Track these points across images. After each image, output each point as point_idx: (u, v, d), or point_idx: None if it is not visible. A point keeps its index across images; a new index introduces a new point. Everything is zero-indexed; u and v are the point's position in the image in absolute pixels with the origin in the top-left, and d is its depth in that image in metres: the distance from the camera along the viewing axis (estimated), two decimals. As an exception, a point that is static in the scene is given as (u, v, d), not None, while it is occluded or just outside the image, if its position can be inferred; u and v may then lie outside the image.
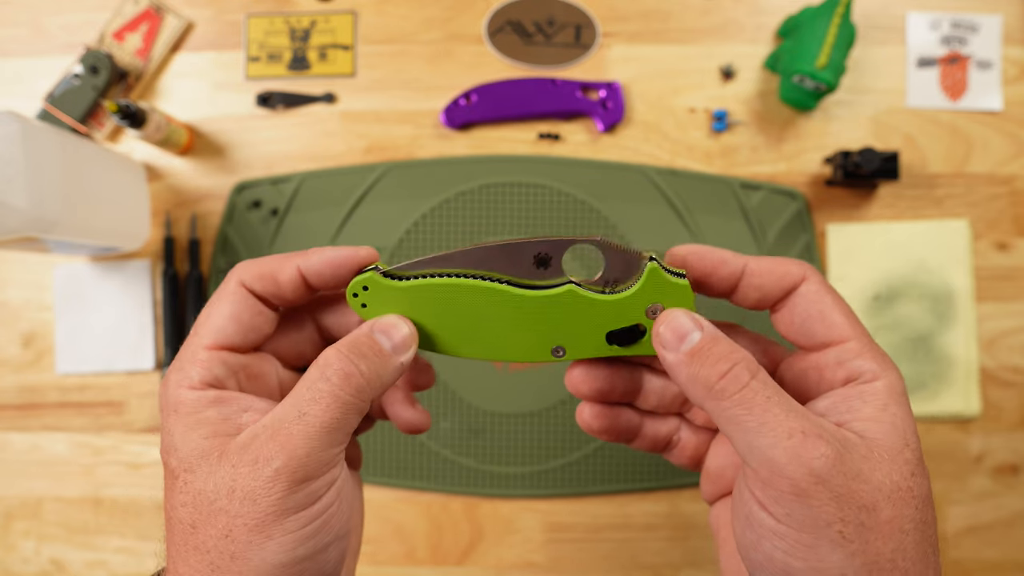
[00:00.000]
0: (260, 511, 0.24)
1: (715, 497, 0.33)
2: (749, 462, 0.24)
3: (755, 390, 0.24)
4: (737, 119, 0.68)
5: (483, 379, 0.66)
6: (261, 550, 0.24)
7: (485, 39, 0.69)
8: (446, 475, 0.66)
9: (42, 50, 0.69)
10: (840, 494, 0.23)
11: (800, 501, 0.23)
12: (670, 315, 0.27)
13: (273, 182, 0.68)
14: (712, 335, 0.26)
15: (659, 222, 0.66)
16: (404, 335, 0.28)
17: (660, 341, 0.27)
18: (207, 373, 0.27)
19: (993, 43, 0.68)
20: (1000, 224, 0.67)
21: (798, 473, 0.23)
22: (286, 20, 0.69)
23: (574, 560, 0.66)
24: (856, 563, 0.23)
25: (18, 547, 0.68)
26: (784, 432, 0.23)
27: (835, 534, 0.23)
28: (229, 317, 0.28)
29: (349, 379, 0.26)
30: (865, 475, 0.24)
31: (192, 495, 0.25)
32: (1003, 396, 0.66)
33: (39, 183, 0.51)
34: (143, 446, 0.68)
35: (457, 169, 0.67)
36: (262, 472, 0.24)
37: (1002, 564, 0.65)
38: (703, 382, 0.25)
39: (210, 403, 0.26)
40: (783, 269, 0.28)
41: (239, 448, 0.25)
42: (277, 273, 0.28)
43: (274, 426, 0.25)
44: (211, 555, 0.25)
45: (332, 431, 0.25)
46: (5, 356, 0.69)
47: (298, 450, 0.25)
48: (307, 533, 0.25)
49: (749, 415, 0.24)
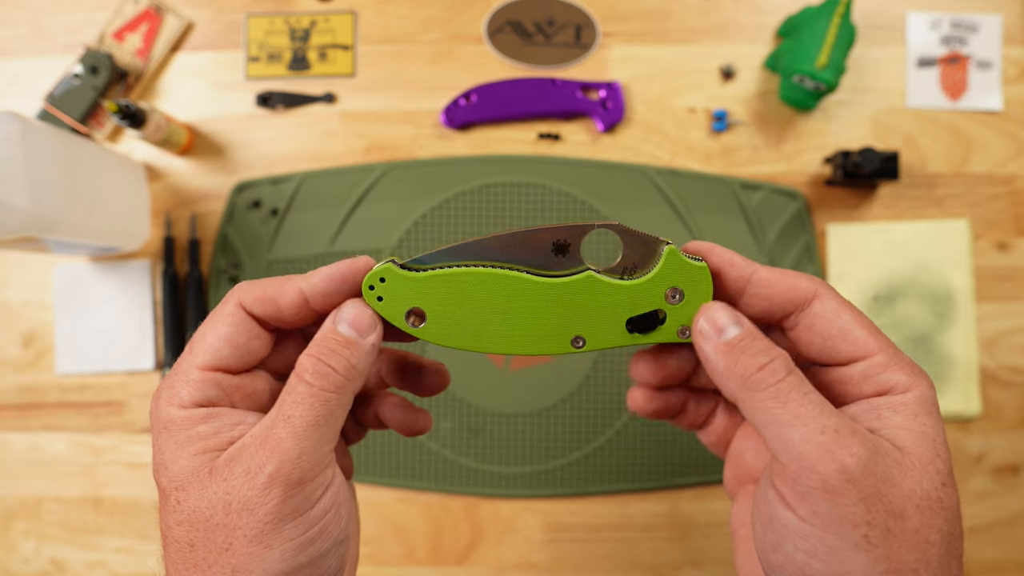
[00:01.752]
0: (258, 520, 0.24)
1: (735, 486, 0.33)
2: (779, 456, 0.24)
3: (792, 384, 0.24)
4: (737, 119, 0.68)
5: (483, 379, 0.66)
6: (263, 560, 0.24)
7: (485, 39, 0.69)
8: (446, 475, 0.66)
9: (42, 50, 0.69)
10: (869, 495, 0.23)
11: (828, 499, 0.23)
12: (711, 308, 0.27)
13: (273, 182, 0.68)
14: (751, 331, 0.26)
15: (659, 222, 0.66)
16: (364, 317, 0.27)
17: (699, 331, 0.27)
18: (198, 394, 0.27)
19: (993, 43, 0.68)
20: (1000, 224, 0.67)
21: (829, 469, 0.23)
22: (286, 20, 0.69)
23: (574, 560, 0.66)
24: (878, 569, 0.22)
25: (18, 547, 0.68)
26: (818, 427, 0.23)
27: (860, 537, 0.22)
28: (224, 339, 0.27)
29: (326, 377, 0.26)
30: (896, 480, 0.23)
31: (187, 514, 0.25)
32: (1003, 396, 0.66)
33: (39, 183, 0.51)
34: (143, 446, 0.68)
35: (457, 169, 0.67)
36: (256, 481, 0.24)
37: (1002, 564, 0.65)
38: (740, 373, 0.25)
39: (200, 420, 0.26)
40: (792, 282, 0.27)
41: (228, 461, 0.25)
42: (278, 297, 0.28)
43: (262, 435, 0.25)
44: (212, 571, 0.24)
45: (319, 428, 0.25)
46: (5, 356, 0.69)
47: (289, 452, 0.25)
48: (307, 539, 0.25)
49: (783, 408, 0.24)
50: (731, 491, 0.33)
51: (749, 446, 0.32)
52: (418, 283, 0.28)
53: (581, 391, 0.66)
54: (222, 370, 0.27)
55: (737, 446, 0.33)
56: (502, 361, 0.66)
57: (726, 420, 0.33)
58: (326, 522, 0.26)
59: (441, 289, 0.28)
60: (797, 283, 0.27)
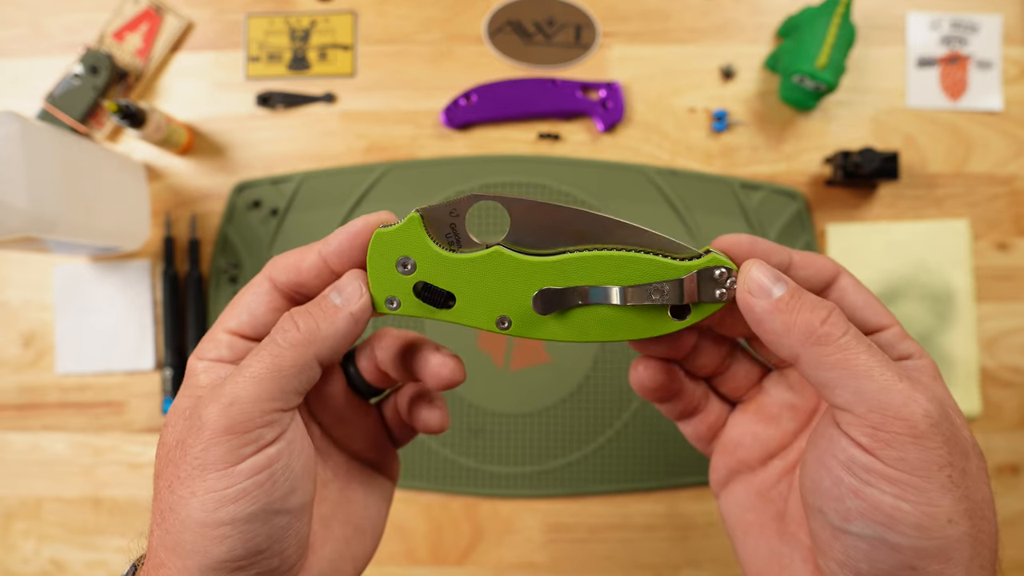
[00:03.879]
0: (187, 463, 0.25)
1: (726, 478, 0.32)
2: (856, 409, 0.24)
3: (856, 337, 0.25)
4: (737, 119, 0.68)
5: (483, 379, 0.66)
6: (187, 506, 0.24)
7: (485, 39, 0.69)
8: (446, 475, 0.66)
9: (42, 50, 0.69)
10: (949, 438, 0.24)
11: (916, 443, 0.23)
12: (751, 267, 0.26)
13: (273, 182, 0.68)
14: (796, 287, 0.26)
15: (659, 222, 0.66)
16: (353, 287, 0.28)
17: (747, 291, 0.26)
18: (216, 352, 0.28)
19: (993, 43, 0.68)
20: (1000, 224, 0.67)
21: (916, 415, 0.23)
22: (286, 20, 0.69)
23: (574, 560, 0.66)
24: (961, 508, 0.24)
25: (18, 547, 0.68)
26: (894, 376, 0.24)
27: (944, 478, 0.23)
28: (245, 307, 0.29)
29: (286, 333, 0.26)
30: (958, 424, 0.25)
31: (160, 447, 0.27)
32: (1003, 396, 0.66)
33: (39, 183, 0.51)
34: (143, 446, 0.68)
35: (457, 169, 0.67)
36: (195, 422, 0.25)
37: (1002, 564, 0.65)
38: (803, 327, 0.25)
39: (206, 370, 0.28)
40: (821, 263, 0.29)
41: (196, 402, 0.26)
42: (299, 262, 0.29)
43: (220, 381, 0.26)
44: (160, 505, 0.26)
45: (262, 381, 0.25)
46: (5, 356, 0.69)
47: (224, 398, 0.25)
48: (227, 496, 0.24)
49: (855, 361, 0.24)
50: (720, 483, 0.33)
51: (748, 431, 0.32)
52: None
53: (581, 391, 0.66)
54: (241, 335, 0.29)
55: (732, 433, 0.32)
56: (502, 361, 0.66)
57: (717, 407, 0.33)
58: (251, 484, 0.24)
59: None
60: (824, 264, 0.29)
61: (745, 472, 0.32)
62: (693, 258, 0.27)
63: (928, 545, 0.23)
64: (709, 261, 0.26)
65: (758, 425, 0.32)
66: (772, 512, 0.30)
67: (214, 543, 0.24)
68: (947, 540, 0.23)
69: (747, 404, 0.33)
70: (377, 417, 0.34)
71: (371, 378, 0.33)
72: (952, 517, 0.23)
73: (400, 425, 0.34)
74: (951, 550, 0.23)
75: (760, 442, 0.32)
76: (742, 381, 0.33)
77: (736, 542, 0.31)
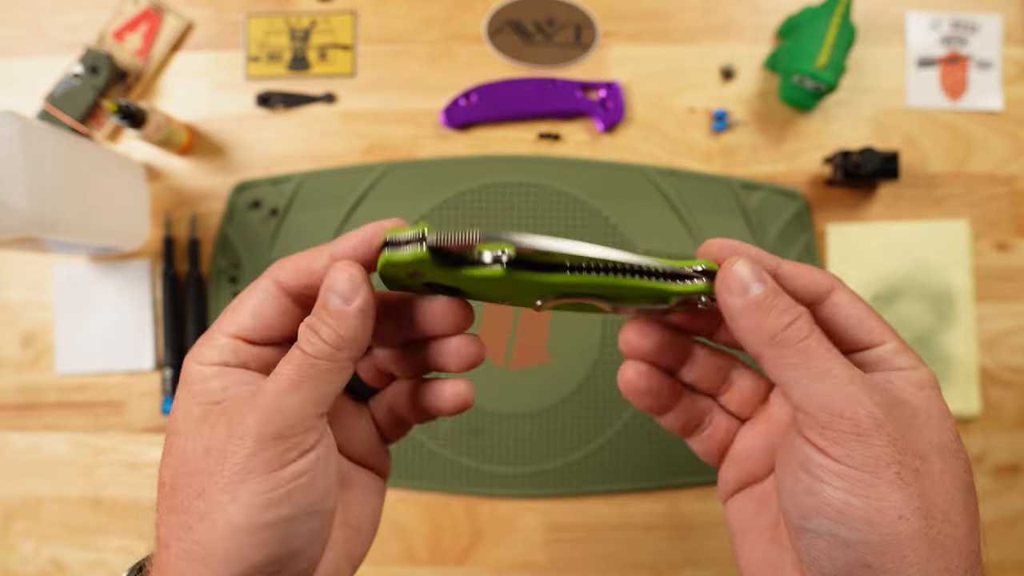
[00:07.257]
0: (229, 469, 0.25)
1: (734, 488, 0.32)
2: (807, 408, 0.25)
3: (817, 341, 0.26)
4: (737, 119, 0.68)
5: (483, 379, 0.66)
6: (225, 511, 0.24)
7: (485, 39, 0.69)
8: (446, 475, 0.66)
9: (42, 50, 0.69)
10: (896, 438, 0.24)
11: (860, 440, 0.24)
12: (735, 264, 0.27)
13: (273, 182, 0.68)
14: (774, 288, 0.27)
15: (659, 222, 0.66)
16: (343, 280, 0.27)
17: (725, 287, 0.27)
18: (217, 356, 0.28)
19: (993, 43, 0.68)
20: (1000, 224, 0.67)
21: (859, 414, 0.24)
22: (286, 20, 0.69)
23: (574, 560, 0.66)
24: (913, 505, 0.24)
25: (18, 547, 0.68)
26: (845, 379, 0.25)
27: (893, 475, 0.24)
28: (251, 311, 0.28)
29: (315, 345, 0.26)
30: (917, 428, 0.25)
31: (175, 456, 0.26)
32: (1003, 396, 0.66)
33: (39, 183, 0.51)
34: (143, 446, 0.68)
35: (457, 169, 0.67)
36: (234, 430, 0.25)
37: (1002, 564, 0.65)
38: (767, 330, 0.26)
39: (214, 375, 0.27)
40: (812, 275, 0.29)
41: (220, 411, 0.26)
42: (311, 266, 0.28)
43: (253, 390, 0.26)
44: (185, 515, 0.25)
45: (303, 389, 0.26)
46: (5, 356, 0.69)
47: (268, 407, 0.25)
48: (272, 499, 0.25)
49: (811, 363, 0.25)
50: (727, 493, 0.33)
51: (756, 445, 0.32)
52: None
53: (581, 391, 0.66)
54: (244, 339, 0.28)
55: (741, 447, 0.32)
56: (502, 361, 0.66)
57: (725, 422, 0.33)
58: (295, 487, 0.25)
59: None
60: (815, 276, 0.29)
61: (753, 483, 0.32)
62: (687, 277, 0.28)
63: (878, 540, 0.24)
64: (698, 288, 0.28)
65: (766, 439, 0.32)
66: (769, 518, 0.30)
67: (252, 548, 0.25)
68: (897, 536, 0.24)
69: (756, 419, 0.33)
70: (370, 417, 0.34)
71: (368, 378, 0.33)
72: (903, 514, 0.24)
73: (392, 422, 0.34)
74: (903, 547, 0.24)
75: (768, 455, 0.32)
76: (749, 397, 0.33)
77: (734, 545, 0.32)
